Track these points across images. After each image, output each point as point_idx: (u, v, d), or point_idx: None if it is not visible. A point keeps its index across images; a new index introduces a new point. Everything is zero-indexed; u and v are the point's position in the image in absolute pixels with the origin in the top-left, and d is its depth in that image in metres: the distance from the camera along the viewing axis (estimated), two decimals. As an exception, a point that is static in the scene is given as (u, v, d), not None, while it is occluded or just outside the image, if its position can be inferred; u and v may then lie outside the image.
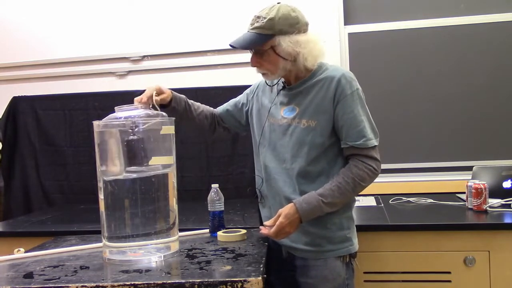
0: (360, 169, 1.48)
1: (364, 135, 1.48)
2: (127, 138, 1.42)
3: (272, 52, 1.50)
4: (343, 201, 1.50)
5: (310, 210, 1.46)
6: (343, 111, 1.49)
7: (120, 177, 1.45)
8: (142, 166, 1.44)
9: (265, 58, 1.51)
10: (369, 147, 1.49)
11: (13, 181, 2.84)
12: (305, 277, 1.56)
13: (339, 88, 1.49)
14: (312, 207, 1.46)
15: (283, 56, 1.49)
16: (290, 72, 1.56)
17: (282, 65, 1.51)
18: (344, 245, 1.55)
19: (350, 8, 2.76)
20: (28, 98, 2.85)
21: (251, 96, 1.76)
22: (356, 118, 1.49)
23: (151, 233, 1.46)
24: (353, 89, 1.50)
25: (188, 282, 1.22)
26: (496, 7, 2.64)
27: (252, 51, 1.54)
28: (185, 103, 1.69)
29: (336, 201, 1.47)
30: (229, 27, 2.69)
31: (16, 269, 1.40)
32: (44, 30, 2.94)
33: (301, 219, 1.47)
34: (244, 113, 1.77)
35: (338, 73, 1.52)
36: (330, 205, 1.47)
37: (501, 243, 1.83)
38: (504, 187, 2.18)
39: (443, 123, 2.67)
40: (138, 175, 1.44)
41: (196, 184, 2.69)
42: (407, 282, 1.87)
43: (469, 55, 2.66)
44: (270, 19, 1.46)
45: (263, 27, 1.47)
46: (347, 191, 1.47)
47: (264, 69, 1.54)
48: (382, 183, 2.64)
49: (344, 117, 1.49)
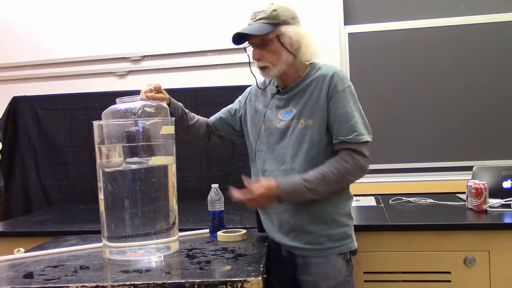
0: (347, 161, 1.48)
1: (355, 130, 1.49)
2: (127, 130, 1.43)
3: (277, 42, 1.52)
4: (325, 190, 1.49)
5: (291, 191, 1.47)
6: (335, 106, 1.51)
7: (120, 169, 1.45)
8: (142, 158, 1.44)
9: (269, 48, 1.53)
10: (360, 142, 1.49)
11: (13, 181, 2.84)
12: (306, 274, 1.56)
13: (332, 85, 1.52)
14: (294, 187, 1.47)
15: (286, 47, 1.52)
16: (290, 68, 1.57)
17: (285, 57, 1.53)
18: (345, 242, 1.56)
19: (350, 8, 2.76)
20: (28, 98, 2.85)
21: (243, 102, 1.77)
22: (348, 113, 1.50)
23: (151, 233, 1.46)
24: (345, 86, 1.52)
25: (188, 282, 1.22)
26: (496, 7, 2.64)
27: (254, 45, 1.55)
28: (182, 111, 1.70)
29: (319, 188, 1.47)
30: (229, 27, 2.68)
31: (16, 269, 1.40)
32: (44, 30, 2.94)
33: (280, 196, 1.48)
34: (238, 119, 1.78)
35: (331, 71, 1.55)
36: (312, 191, 1.47)
37: (501, 243, 1.83)
38: (504, 187, 2.18)
39: (443, 123, 2.67)
40: (138, 166, 1.44)
41: (196, 184, 2.70)
42: (407, 282, 1.87)
43: (469, 55, 2.66)
44: (273, 10, 1.51)
45: (268, 17, 1.51)
46: (331, 181, 1.47)
47: (267, 61, 1.54)
48: (382, 183, 2.65)
49: (336, 113, 1.51)
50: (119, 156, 1.47)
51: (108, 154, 1.50)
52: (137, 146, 1.44)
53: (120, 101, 1.50)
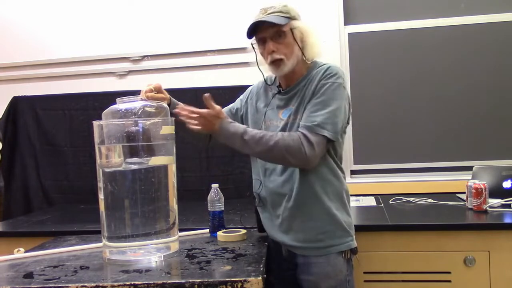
0: (293, 140, 1.45)
1: (316, 120, 1.46)
2: (127, 130, 1.43)
3: (290, 34, 1.54)
4: (257, 151, 1.49)
5: (228, 129, 1.49)
6: (315, 95, 1.51)
7: (120, 169, 1.45)
8: (142, 158, 1.44)
9: (283, 40, 1.54)
10: (314, 132, 1.46)
11: (13, 181, 2.84)
12: (307, 274, 1.56)
13: (322, 77, 1.53)
14: (232, 128, 1.49)
15: (297, 41, 1.54)
16: (295, 65, 1.57)
17: (296, 51, 1.55)
18: (345, 239, 1.55)
19: (350, 8, 2.76)
20: (28, 98, 2.85)
21: (245, 101, 1.77)
22: (321, 104, 1.48)
23: (151, 233, 1.46)
24: (333, 81, 1.51)
25: (188, 282, 1.22)
26: (496, 7, 2.64)
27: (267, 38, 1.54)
28: None
29: (252, 145, 1.47)
30: (229, 27, 2.69)
31: (16, 269, 1.40)
32: (44, 30, 2.94)
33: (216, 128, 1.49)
34: (239, 118, 1.78)
35: (326, 66, 1.56)
36: (245, 144, 1.47)
37: (501, 243, 1.83)
38: (504, 187, 2.18)
39: (443, 123, 2.67)
40: (138, 166, 1.44)
41: (196, 184, 2.70)
42: (407, 282, 1.87)
43: (469, 55, 2.66)
44: (284, 5, 1.54)
45: (281, 11, 1.53)
46: (267, 145, 1.45)
47: (281, 53, 1.54)
48: (382, 183, 2.65)
49: (312, 101, 1.51)
50: (119, 156, 1.47)
51: (108, 154, 1.50)
52: (137, 146, 1.44)
53: (121, 101, 1.50)
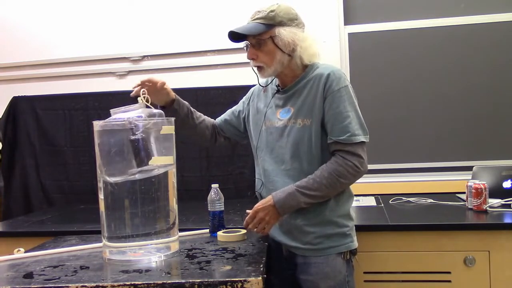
0: (339, 165, 1.48)
1: (349, 130, 1.48)
2: (128, 139, 1.42)
3: (270, 42, 1.53)
4: (319, 195, 1.49)
5: (285, 198, 1.49)
6: (330, 106, 1.51)
7: (122, 179, 1.45)
8: (143, 166, 1.44)
9: (263, 48, 1.54)
10: (353, 142, 1.48)
11: (13, 181, 2.84)
12: (306, 274, 1.56)
13: (327, 84, 1.52)
14: (287, 194, 1.49)
15: (281, 48, 1.53)
16: (286, 69, 1.57)
17: (279, 57, 1.54)
18: (344, 241, 1.56)
19: (350, 8, 2.76)
20: (28, 98, 2.85)
21: (247, 103, 1.78)
22: (342, 113, 1.50)
23: (151, 233, 1.46)
24: (340, 86, 1.51)
25: (188, 282, 1.22)
26: (496, 7, 2.64)
27: (250, 44, 1.56)
28: (188, 109, 1.70)
29: (312, 193, 1.48)
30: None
31: (16, 269, 1.40)
32: (44, 30, 2.94)
33: (276, 206, 1.49)
34: (242, 120, 1.79)
35: (327, 70, 1.55)
36: (306, 196, 1.48)
37: (501, 243, 1.83)
38: (504, 187, 2.18)
39: (443, 123, 2.67)
40: (141, 176, 1.43)
41: (196, 184, 2.69)
42: (407, 282, 1.87)
43: (469, 55, 2.66)
44: (271, 11, 1.53)
45: (264, 17, 1.53)
46: (323, 185, 1.47)
47: (260, 61, 1.56)
48: (382, 183, 2.65)
49: (330, 112, 1.51)
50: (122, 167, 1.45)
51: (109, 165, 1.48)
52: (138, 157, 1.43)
53: (115, 112, 1.49)
